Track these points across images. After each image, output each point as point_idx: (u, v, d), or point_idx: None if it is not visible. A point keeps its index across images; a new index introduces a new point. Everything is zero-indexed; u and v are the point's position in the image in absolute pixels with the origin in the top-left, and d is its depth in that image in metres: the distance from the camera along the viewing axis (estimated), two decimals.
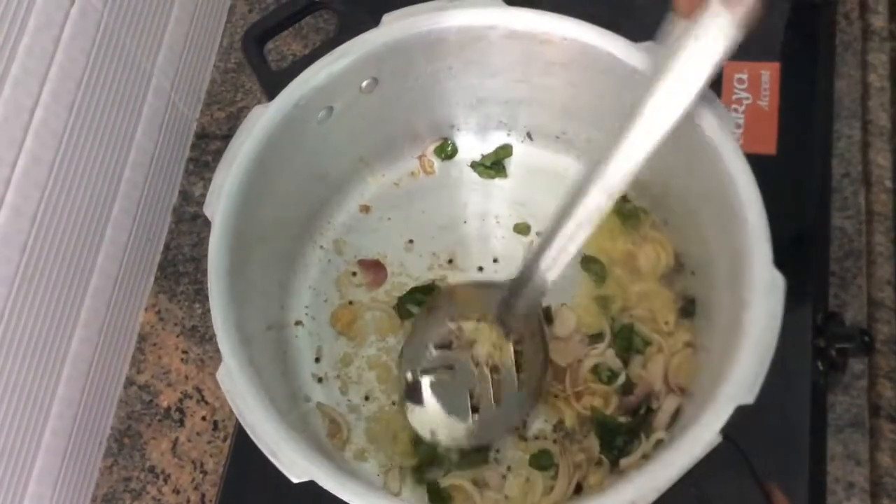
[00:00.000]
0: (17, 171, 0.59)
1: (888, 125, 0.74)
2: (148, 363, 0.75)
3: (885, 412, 0.65)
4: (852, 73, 0.75)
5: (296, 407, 0.64)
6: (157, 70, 0.75)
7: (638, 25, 0.62)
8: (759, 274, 0.52)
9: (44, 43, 0.60)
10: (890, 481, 0.63)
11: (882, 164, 0.73)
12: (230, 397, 0.53)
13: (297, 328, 0.69)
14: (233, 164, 0.59)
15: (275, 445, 0.51)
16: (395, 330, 0.68)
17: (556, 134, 0.71)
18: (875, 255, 0.70)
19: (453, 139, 0.74)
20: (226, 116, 0.84)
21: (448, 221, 0.72)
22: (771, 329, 0.50)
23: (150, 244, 0.77)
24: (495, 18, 0.62)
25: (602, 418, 0.62)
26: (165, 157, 0.78)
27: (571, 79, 0.64)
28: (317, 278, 0.71)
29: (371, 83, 0.64)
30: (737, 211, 0.54)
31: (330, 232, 0.72)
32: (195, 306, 0.76)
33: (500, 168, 0.73)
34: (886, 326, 0.67)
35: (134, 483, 0.71)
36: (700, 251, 0.62)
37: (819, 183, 0.71)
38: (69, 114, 0.64)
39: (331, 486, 0.50)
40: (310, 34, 0.86)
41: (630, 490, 0.48)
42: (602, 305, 0.66)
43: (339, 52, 0.62)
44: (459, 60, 0.65)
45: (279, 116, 0.61)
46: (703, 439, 0.48)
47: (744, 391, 0.49)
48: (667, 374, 0.62)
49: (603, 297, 0.66)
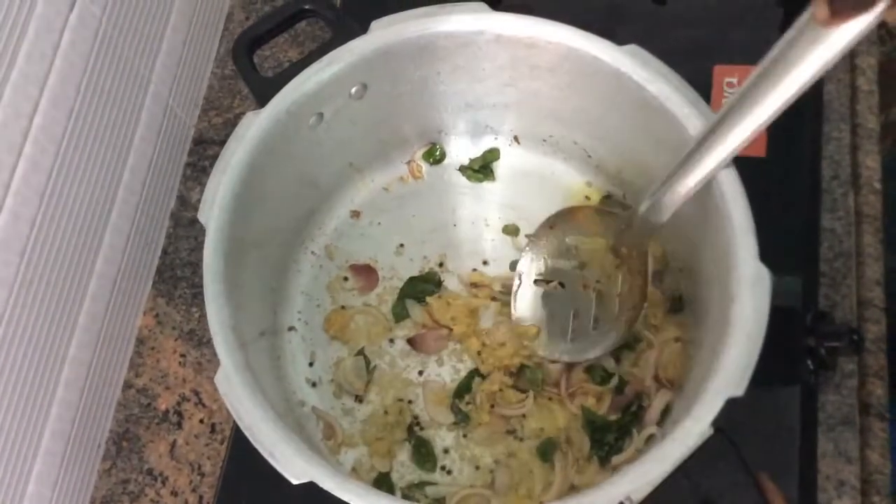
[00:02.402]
0: (16, 175, 0.60)
1: (876, 128, 0.75)
2: (146, 366, 0.75)
3: (874, 410, 0.65)
4: (841, 77, 0.76)
5: (291, 411, 0.65)
6: (156, 76, 0.76)
7: (631, 31, 0.63)
8: (745, 268, 0.53)
9: (43, 49, 0.61)
10: (880, 478, 0.64)
11: (871, 166, 0.73)
12: (228, 400, 0.53)
13: (291, 333, 0.70)
14: (226, 170, 0.60)
15: (273, 447, 0.52)
16: (388, 334, 0.69)
17: (543, 137, 0.72)
18: (864, 256, 0.70)
19: (441, 144, 0.74)
20: (223, 122, 0.84)
21: (438, 225, 0.73)
22: (758, 322, 0.51)
23: (148, 248, 0.78)
24: (482, 24, 0.63)
25: (593, 417, 0.63)
26: (163, 162, 0.79)
27: (557, 82, 0.65)
28: (309, 284, 0.71)
29: (360, 89, 0.65)
30: (720, 206, 0.55)
31: (321, 238, 0.73)
32: (193, 310, 0.77)
33: (489, 171, 0.74)
34: (876, 326, 0.68)
35: (132, 485, 0.71)
36: (686, 248, 0.63)
37: (809, 185, 0.72)
38: (68, 119, 0.65)
39: (330, 487, 0.50)
40: (306, 41, 0.86)
41: (625, 483, 0.49)
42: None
43: (328, 58, 0.63)
44: (447, 66, 0.66)
45: (271, 123, 0.61)
46: (695, 432, 0.49)
47: (733, 384, 0.50)
48: (657, 370, 0.63)
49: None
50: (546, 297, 0.67)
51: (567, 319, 0.66)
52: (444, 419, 0.66)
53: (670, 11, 0.81)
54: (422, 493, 0.63)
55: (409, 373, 0.68)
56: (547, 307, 0.67)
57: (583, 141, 0.69)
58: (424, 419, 0.66)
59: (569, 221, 0.67)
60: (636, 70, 0.59)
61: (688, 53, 0.67)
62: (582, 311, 0.66)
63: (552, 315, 0.66)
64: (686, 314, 0.64)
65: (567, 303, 0.66)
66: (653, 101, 0.58)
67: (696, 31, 0.77)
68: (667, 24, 0.79)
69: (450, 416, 0.66)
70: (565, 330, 0.66)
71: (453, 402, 0.66)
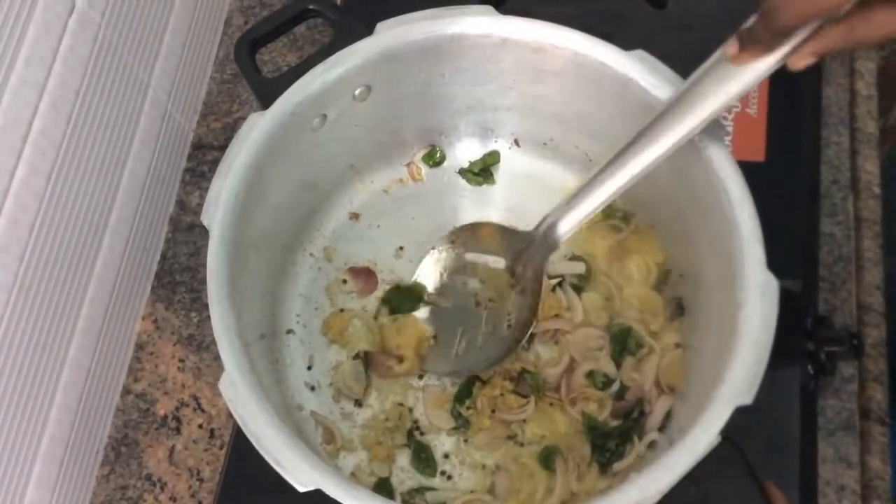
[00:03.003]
0: (15, 180, 0.59)
1: (875, 132, 0.75)
2: (145, 372, 0.75)
3: (874, 415, 0.65)
4: (840, 81, 0.76)
5: (290, 415, 0.65)
6: (154, 81, 0.76)
7: (629, 35, 0.63)
8: (753, 276, 0.53)
9: (42, 53, 0.61)
10: (880, 484, 0.64)
11: (870, 170, 0.74)
12: (233, 406, 0.53)
13: (289, 336, 0.69)
14: (229, 171, 0.59)
15: (278, 453, 0.51)
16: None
17: (544, 141, 0.72)
18: (864, 261, 0.70)
19: (441, 146, 0.74)
20: (222, 127, 0.84)
21: (437, 228, 0.72)
22: (766, 330, 0.51)
23: (147, 253, 0.78)
24: (489, 27, 0.63)
25: (593, 423, 0.63)
26: (162, 167, 0.79)
27: (562, 86, 0.65)
28: (307, 286, 0.71)
29: (364, 91, 0.65)
30: (728, 214, 0.55)
31: (320, 240, 0.73)
32: (192, 315, 0.77)
33: (488, 174, 0.74)
34: (875, 330, 0.68)
35: (131, 491, 0.71)
36: (689, 254, 0.63)
37: (808, 189, 0.72)
38: (67, 124, 0.64)
39: (337, 495, 0.50)
40: (305, 45, 0.86)
41: (634, 492, 0.49)
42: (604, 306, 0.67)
43: (333, 59, 0.62)
44: (452, 68, 0.66)
45: (274, 124, 0.61)
46: (704, 440, 0.49)
47: (742, 392, 0.50)
48: (658, 377, 0.63)
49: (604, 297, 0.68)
50: (437, 313, 0.67)
51: (454, 336, 0.66)
52: (445, 424, 0.65)
53: (670, 16, 0.81)
54: (422, 499, 0.63)
55: (409, 377, 0.67)
56: (436, 323, 0.67)
57: (584, 145, 0.69)
58: (424, 424, 0.66)
59: (471, 237, 0.68)
60: (643, 76, 0.60)
61: (687, 58, 0.67)
62: (471, 328, 0.66)
63: (441, 329, 0.67)
64: (686, 320, 0.64)
65: (457, 320, 0.67)
66: (659, 106, 0.58)
67: (696, 35, 0.77)
68: (666, 29, 0.79)
69: (450, 421, 0.65)
70: (451, 347, 0.66)
71: (454, 407, 0.65)
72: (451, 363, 0.66)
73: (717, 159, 0.56)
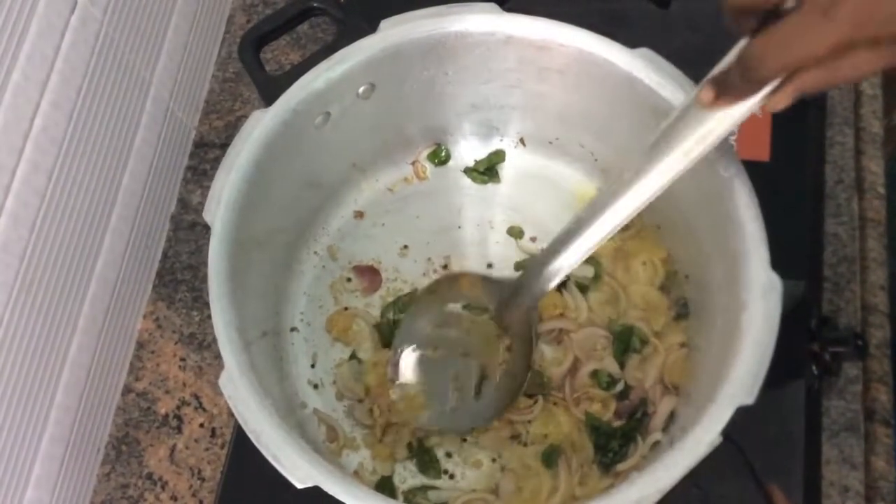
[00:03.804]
0: (16, 178, 0.59)
1: (880, 132, 0.75)
2: (146, 370, 0.75)
3: (879, 416, 0.65)
4: None
5: (293, 413, 0.65)
6: (156, 79, 0.75)
7: (632, 34, 0.62)
8: (757, 276, 0.52)
9: (44, 50, 0.61)
10: (885, 485, 0.64)
11: (875, 170, 0.73)
12: (232, 403, 0.53)
13: (293, 334, 0.69)
14: (232, 168, 0.59)
15: (278, 451, 0.51)
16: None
17: (549, 139, 0.72)
18: (868, 261, 0.70)
19: (446, 145, 0.74)
20: (224, 125, 0.84)
21: (442, 226, 0.72)
22: (769, 330, 0.51)
23: (149, 252, 0.78)
24: (494, 24, 0.63)
25: (597, 423, 0.63)
26: (164, 165, 0.79)
27: (566, 85, 0.65)
28: (311, 284, 0.71)
29: (368, 89, 0.65)
30: (732, 214, 0.55)
31: (324, 238, 0.72)
32: (193, 314, 0.76)
33: (494, 173, 0.73)
34: (880, 331, 0.68)
35: (132, 490, 0.71)
36: (694, 255, 0.63)
37: (812, 189, 0.72)
38: (68, 122, 0.64)
39: (335, 492, 0.50)
40: (308, 44, 0.86)
41: (634, 491, 0.49)
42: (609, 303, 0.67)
43: (337, 57, 0.62)
44: (456, 66, 0.66)
45: (278, 121, 0.61)
46: (705, 440, 0.49)
47: (744, 392, 0.50)
48: (662, 376, 0.63)
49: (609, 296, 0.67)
50: (423, 363, 0.65)
51: (447, 387, 0.65)
52: None
53: (674, 16, 0.81)
54: (424, 497, 0.63)
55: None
56: (427, 374, 0.65)
57: (589, 144, 0.69)
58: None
59: (451, 288, 0.67)
60: (649, 74, 0.59)
61: (691, 58, 0.67)
62: (462, 379, 0.65)
63: (432, 383, 0.65)
64: (691, 320, 0.64)
65: (447, 371, 0.65)
66: (664, 105, 0.58)
67: (700, 35, 0.77)
68: (670, 29, 0.79)
69: None
70: (444, 397, 0.64)
71: None
72: (446, 417, 0.64)
73: (721, 159, 0.56)
